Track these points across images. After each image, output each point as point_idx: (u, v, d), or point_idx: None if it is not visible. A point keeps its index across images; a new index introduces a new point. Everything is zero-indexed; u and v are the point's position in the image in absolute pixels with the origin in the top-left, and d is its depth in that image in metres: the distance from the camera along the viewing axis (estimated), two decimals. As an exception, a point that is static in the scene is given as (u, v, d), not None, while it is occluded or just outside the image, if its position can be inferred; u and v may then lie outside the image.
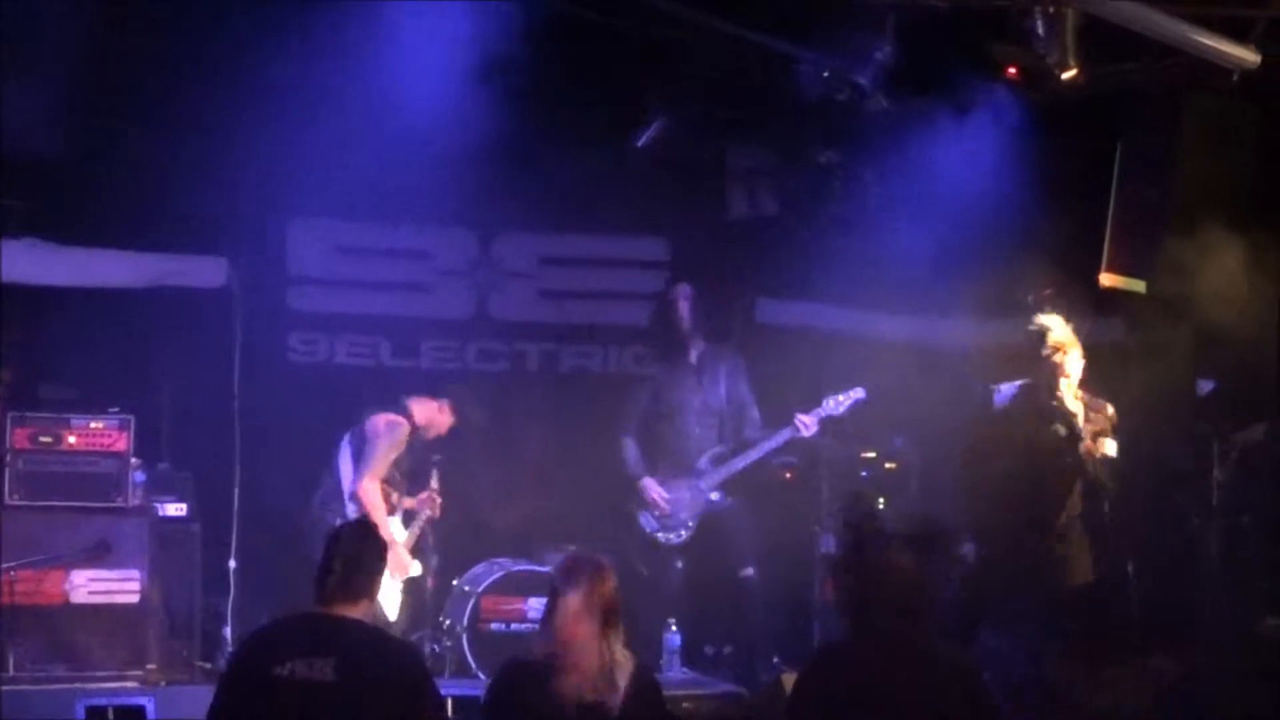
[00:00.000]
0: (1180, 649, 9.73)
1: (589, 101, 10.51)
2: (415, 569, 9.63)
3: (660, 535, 10.07)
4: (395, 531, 9.45)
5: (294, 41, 9.17)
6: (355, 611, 5.98)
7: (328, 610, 5.95)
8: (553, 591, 6.04)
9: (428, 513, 9.66)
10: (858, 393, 10.06)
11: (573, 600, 5.93)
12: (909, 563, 6.12)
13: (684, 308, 10.18)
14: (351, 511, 9.24)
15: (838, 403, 10.02)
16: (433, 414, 9.68)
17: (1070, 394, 8.87)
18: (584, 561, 6.16)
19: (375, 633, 6.07)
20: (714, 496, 10.05)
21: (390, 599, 9.36)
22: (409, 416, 9.52)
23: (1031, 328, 9.19)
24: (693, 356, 10.21)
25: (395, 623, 9.35)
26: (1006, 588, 8.89)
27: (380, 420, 9.38)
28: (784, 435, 10.02)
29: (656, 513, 10.06)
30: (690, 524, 10.03)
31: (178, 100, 9.96)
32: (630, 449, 10.22)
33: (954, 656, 6.31)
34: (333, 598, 5.97)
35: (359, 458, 9.32)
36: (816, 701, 5.94)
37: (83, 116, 9.82)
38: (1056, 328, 9.02)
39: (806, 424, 9.98)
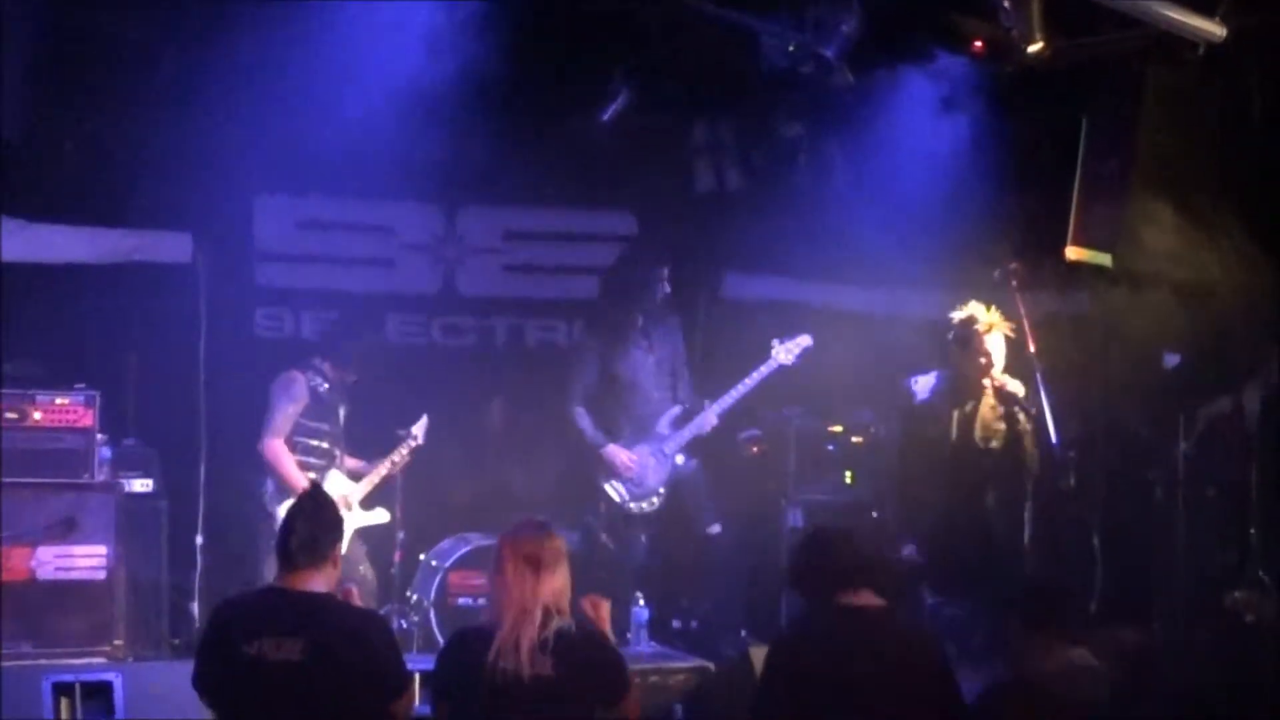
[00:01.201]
0: (1143, 620, 9.87)
1: (554, 76, 10.47)
2: (377, 517, 9.81)
3: (633, 505, 10.09)
4: (333, 486, 9.48)
5: (257, 17, 9.15)
6: (319, 581, 6.03)
7: (292, 583, 6.03)
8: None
9: (392, 461, 9.79)
10: (804, 340, 10.11)
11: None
12: (860, 539, 6.37)
13: (662, 289, 10.23)
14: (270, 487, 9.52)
15: (788, 351, 10.07)
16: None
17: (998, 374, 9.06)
18: (522, 523, 6.27)
19: (342, 609, 6.11)
20: (679, 460, 10.11)
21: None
22: (319, 371, 9.65)
23: (958, 317, 9.29)
24: (639, 321, 10.24)
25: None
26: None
27: (276, 381, 9.67)
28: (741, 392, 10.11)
29: (626, 481, 10.07)
30: (661, 490, 10.09)
31: (142, 77, 9.89)
32: (584, 419, 10.20)
33: (915, 630, 6.58)
34: (295, 568, 6.04)
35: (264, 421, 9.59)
36: (786, 678, 6.09)
37: (47, 93, 9.73)
38: (980, 312, 9.14)
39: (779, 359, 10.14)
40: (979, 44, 9.46)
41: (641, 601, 9.63)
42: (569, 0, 9.52)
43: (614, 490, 10.13)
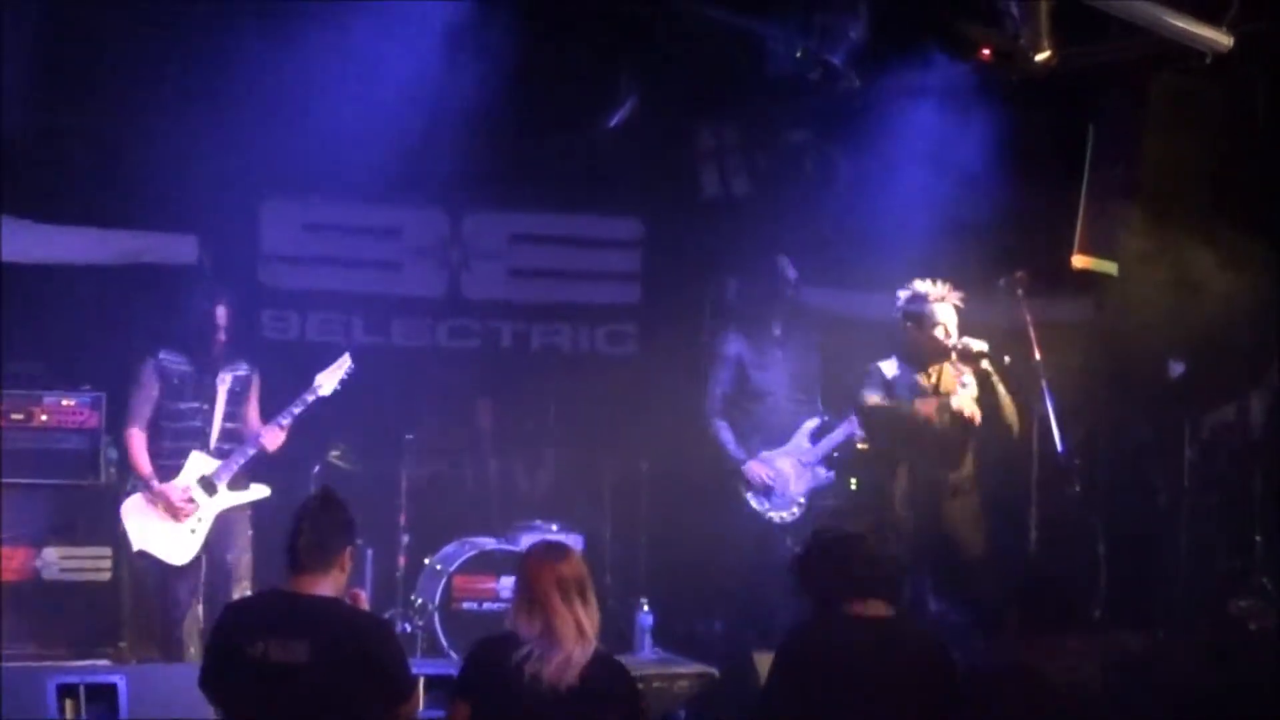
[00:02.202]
0: (1147, 627, 9.81)
1: (561, 80, 10.45)
2: (251, 495, 9.20)
3: (774, 515, 9.97)
4: (193, 466, 9.07)
5: (266, 20, 9.17)
6: (326, 584, 6.01)
7: (298, 586, 6.00)
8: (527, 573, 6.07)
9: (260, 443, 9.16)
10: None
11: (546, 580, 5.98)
12: (869, 541, 6.30)
13: (789, 288, 10.13)
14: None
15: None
16: None
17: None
18: (554, 544, 6.27)
19: (348, 611, 6.08)
20: (823, 473, 10.06)
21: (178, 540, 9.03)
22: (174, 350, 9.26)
23: (905, 294, 9.27)
24: (776, 330, 10.15)
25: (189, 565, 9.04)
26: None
27: None
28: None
29: (764, 491, 9.97)
30: (802, 500, 9.98)
31: (148, 78, 9.90)
32: (725, 431, 10.04)
33: (920, 632, 6.46)
34: (301, 571, 6.02)
35: None
36: (793, 685, 6.05)
37: (52, 94, 9.79)
38: (926, 286, 9.19)
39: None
40: (986, 51, 9.38)
41: (646, 607, 9.62)
42: (576, 5, 9.52)
43: (755, 501, 10.02)
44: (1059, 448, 9.26)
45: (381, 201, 11.56)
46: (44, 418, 9.38)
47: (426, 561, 10.22)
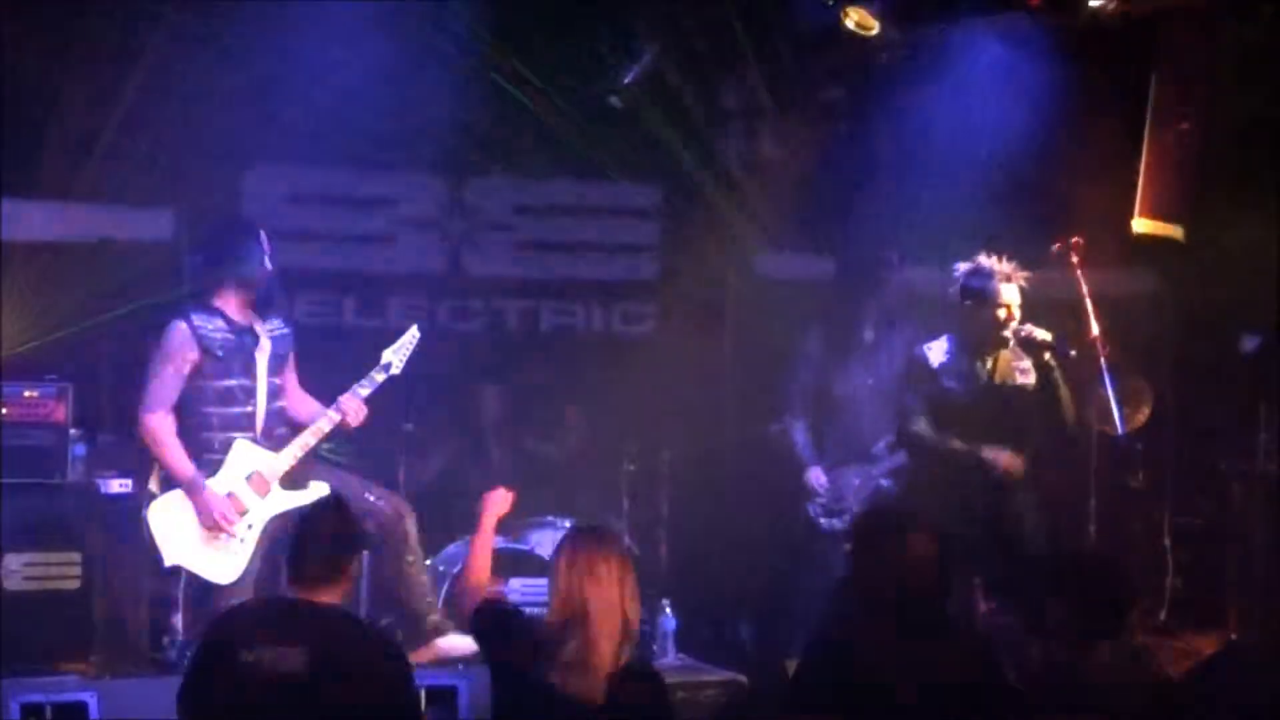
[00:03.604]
0: (1219, 627, 9.99)
1: (571, 33, 10.48)
2: (309, 495, 8.55)
3: (824, 521, 9.96)
4: (240, 458, 8.53)
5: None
6: (332, 595, 5.98)
7: (301, 595, 5.98)
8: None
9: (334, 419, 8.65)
10: None
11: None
12: (928, 544, 6.13)
13: (887, 281, 10.02)
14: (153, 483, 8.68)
15: None
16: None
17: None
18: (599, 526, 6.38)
19: (351, 622, 6.10)
20: (884, 483, 9.93)
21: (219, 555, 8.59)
22: (215, 312, 8.52)
23: (966, 268, 9.08)
24: (867, 334, 10.02)
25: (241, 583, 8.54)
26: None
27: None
28: None
29: (820, 500, 9.99)
30: (856, 510, 9.82)
31: (118, 37, 9.94)
32: (799, 432, 10.08)
33: (967, 635, 6.62)
34: (305, 580, 5.98)
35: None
36: (823, 685, 5.96)
37: (12, 56, 9.75)
38: (991, 262, 9.02)
39: None
40: (1035, -4, 9.43)
41: (668, 609, 9.51)
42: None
43: (809, 507, 10.06)
44: (1119, 433, 9.14)
45: (374, 168, 11.40)
46: (4, 411, 9.23)
47: (428, 563, 9.95)
